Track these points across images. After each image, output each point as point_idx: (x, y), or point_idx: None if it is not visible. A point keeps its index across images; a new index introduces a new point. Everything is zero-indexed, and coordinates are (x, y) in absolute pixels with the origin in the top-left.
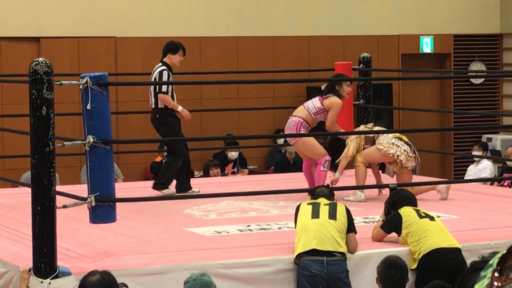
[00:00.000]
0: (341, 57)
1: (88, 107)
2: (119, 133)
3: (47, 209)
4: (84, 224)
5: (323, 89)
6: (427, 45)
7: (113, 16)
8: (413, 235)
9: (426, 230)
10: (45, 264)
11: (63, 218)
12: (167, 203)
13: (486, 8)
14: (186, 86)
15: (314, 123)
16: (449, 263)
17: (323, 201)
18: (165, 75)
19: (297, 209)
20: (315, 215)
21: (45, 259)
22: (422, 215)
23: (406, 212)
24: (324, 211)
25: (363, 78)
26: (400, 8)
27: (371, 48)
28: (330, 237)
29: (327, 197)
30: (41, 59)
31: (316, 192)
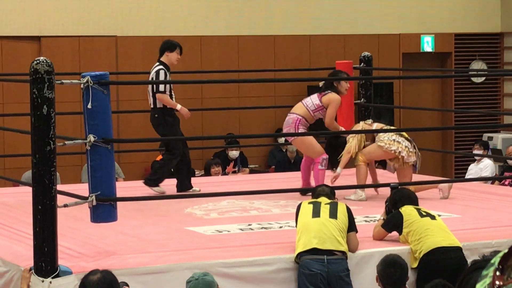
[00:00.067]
0: (342, 56)
1: (89, 106)
2: (120, 132)
3: (48, 208)
4: (85, 223)
5: (321, 86)
6: (428, 44)
7: (114, 15)
8: (414, 234)
9: (427, 229)
10: (46, 263)
11: (64, 217)
12: (168, 202)
13: (487, 7)
14: (187, 85)
15: (312, 120)
16: (450, 262)
17: (324, 200)
18: (161, 74)
19: (298, 208)
20: (316, 214)
21: (46, 258)
22: (423, 214)
23: (407, 211)
24: (325, 210)
25: (364, 77)
26: (401, 7)
27: (372, 47)
28: (331, 236)
29: (328, 196)
30: (42, 58)
31: (317, 191)
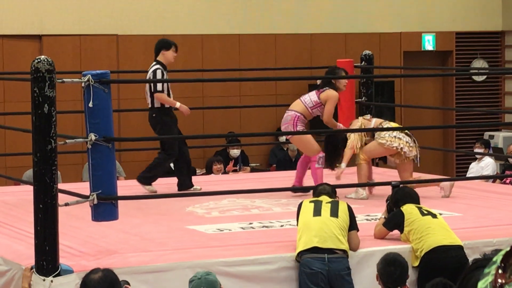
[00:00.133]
0: (343, 55)
1: (90, 105)
2: (121, 131)
3: (49, 207)
4: (86, 222)
5: (319, 83)
6: (429, 42)
7: (114, 14)
8: (415, 233)
9: (428, 228)
10: (47, 262)
11: (65, 216)
12: (169, 201)
13: (488, 6)
14: (188, 84)
15: (310, 117)
16: (451, 261)
17: (325, 199)
18: (158, 73)
19: (299, 207)
20: (316, 213)
21: (47, 257)
22: (425, 212)
23: (408, 209)
24: (326, 209)
25: (365, 76)
26: (402, 6)
27: (373, 45)
28: (332, 234)
29: (329, 194)
30: (43, 57)
31: (318, 190)
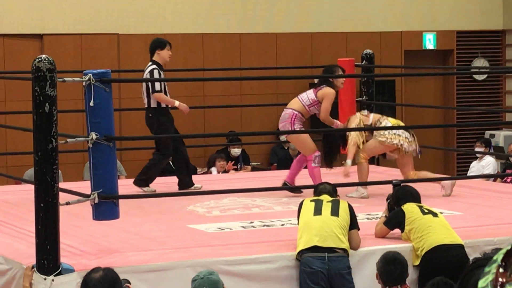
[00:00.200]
0: (343, 54)
1: (91, 104)
2: (122, 130)
3: (50, 206)
4: (87, 221)
5: (316, 81)
6: (430, 41)
7: (115, 13)
8: (416, 232)
9: (429, 227)
10: (48, 261)
11: (66, 215)
12: (170, 200)
13: (489, 4)
14: (189, 83)
15: (308, 115)
16: (452, 260)
17: (326, 198)
18: (155, 73)
19: (300, 206)
20: (317, 212)
21: (48, 256)
22: (425, 211)
23: (409, 208)
24: (326, 208)
25: (366, 75)
26: (403, 5)
27: (373, 44)
28: (332, 233)
29: (330, 194)
30: (44, 56)
31: (319, 189)
